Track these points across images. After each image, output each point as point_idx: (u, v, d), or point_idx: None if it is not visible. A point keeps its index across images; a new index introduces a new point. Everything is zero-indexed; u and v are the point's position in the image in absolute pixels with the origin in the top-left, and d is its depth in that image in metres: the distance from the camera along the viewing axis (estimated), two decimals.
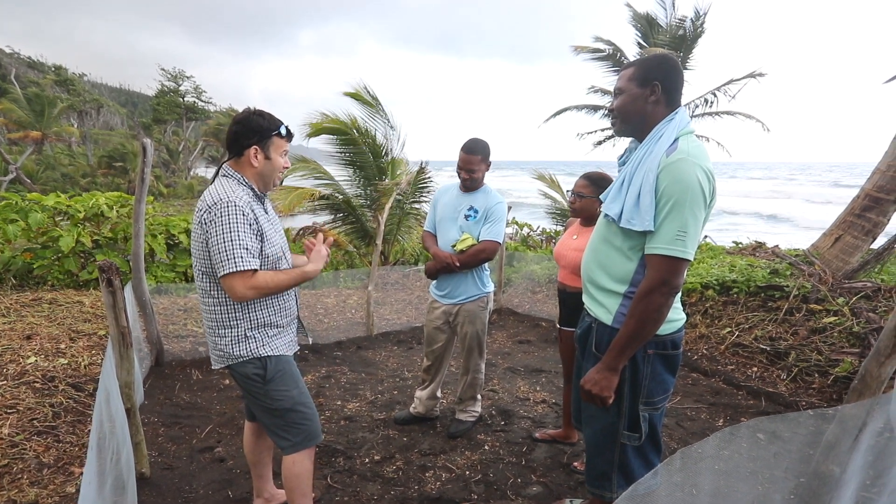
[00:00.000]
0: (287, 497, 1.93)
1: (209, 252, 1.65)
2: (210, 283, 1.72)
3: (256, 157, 1.73)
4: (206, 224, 1.63)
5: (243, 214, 1.63)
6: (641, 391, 1.60)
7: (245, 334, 1.75)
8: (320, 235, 2.01)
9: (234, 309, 1.73)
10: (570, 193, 2.57)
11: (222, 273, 1.60)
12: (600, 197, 1.75)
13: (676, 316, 1.61)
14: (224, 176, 1.74)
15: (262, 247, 1.70)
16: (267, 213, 1.82)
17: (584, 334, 1.78)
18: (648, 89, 1.53)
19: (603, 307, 1.64)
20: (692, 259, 1.46)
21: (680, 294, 1.64)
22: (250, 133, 1.71)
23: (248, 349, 1.75)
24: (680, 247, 1.41)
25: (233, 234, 1.60)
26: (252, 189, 1.75)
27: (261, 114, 1.73)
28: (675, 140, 1.48)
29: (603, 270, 1.64)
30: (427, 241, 2.87)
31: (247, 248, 1.62)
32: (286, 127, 1.78)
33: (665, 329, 1.57)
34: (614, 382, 1.53)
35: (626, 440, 1.63)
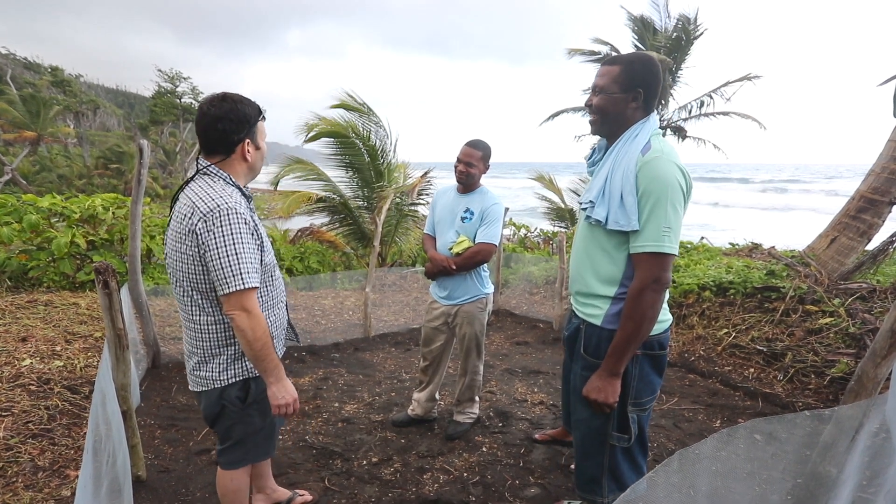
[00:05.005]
0: None
1: (206, 266, 1.46)
2: (205, 299, 1.54)
3: (249, 150, 1.56)
4: (201, 234, 1.42)
5: (245, 223, 1.46)
6: (630, 392, 1.60)
7: (241, 352, 1.61)
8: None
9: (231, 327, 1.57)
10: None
11: (228, 291, 1.43)
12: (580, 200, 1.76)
13: (663, 317, 1.62)
14: (208, 175, 1.53)
15: (261, 256, 1.56)
16: (254, 212, 1.65)
17: (571, 336, 1.78)
18: (631, 95, 1.54)
19: (592, 308, 1.65)
20: (677, 253, 1.48)
21: (667, 296, 1.66)
22: (240, 126, 1.52)
23: (238, 371, 1.62)
24: (667, 242, 1.44)
25: (237, 245, 1.43)
26: (240, 189, 1.58)
27: (241, 100, 1.53)
28: (649, 140, 1.51)
29: (591, 274, 1.64)
30: (426, 243, 2.88)
31: (251, 262, 1.46)
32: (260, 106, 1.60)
33: (652, 330, 1.58)
34: (618, 387, 1.53)
35: (616, 441, 1.63)
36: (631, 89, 1.53)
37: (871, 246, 4.99)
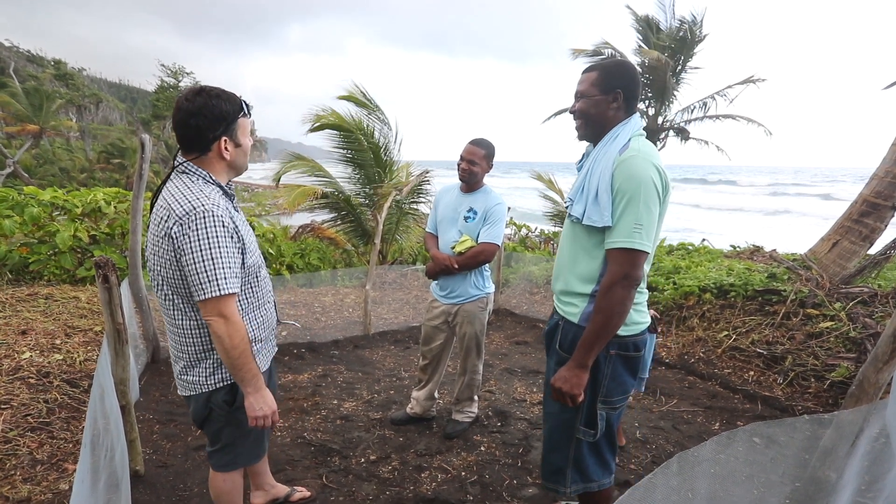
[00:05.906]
0: None
1: (183, 271, 1.42)
2: (186, 303, 1.49)
3: (227, 148, 1.49)
4: (177, 238, 1.37)
5: (223, 225, 1.40)
6: (600, 390, 1.63)
7: None
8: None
9: None
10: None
11: (204, 297, 1.39)
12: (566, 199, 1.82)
13: (641, 318, 1.64)
14: (185, 174, 1.47)
15: (243, 258, 1.49)
16: (238, 211, 1.58)
17: (550, 332, 1.82)
18: (611, 96, 1.59)
19: (571, 306, 1.68)
20: (649, 251, 1.50)
21: (646, 297, 1.70)
22: (216, 123, 1.44)
23: (224, 375, 1.57)
24: (637, 239, 1.47)
25: (213, 250, 1.38)
26: (221, 187, 1.52)
27: (218, 95, 1.45)
28: (628, 140, 1.55)
29: (571, 272, 1.68)
30: (428, 242, 2.87)
31: (230, 267, 1.41)
32: (245, 101, 1.53)
33: (628, 330, 1.61)
34: (584, 380, 1.56)
35: (582, 435, 1.66)
36: (610, 91, 1.58)
37: (873, 250, 4.98)
